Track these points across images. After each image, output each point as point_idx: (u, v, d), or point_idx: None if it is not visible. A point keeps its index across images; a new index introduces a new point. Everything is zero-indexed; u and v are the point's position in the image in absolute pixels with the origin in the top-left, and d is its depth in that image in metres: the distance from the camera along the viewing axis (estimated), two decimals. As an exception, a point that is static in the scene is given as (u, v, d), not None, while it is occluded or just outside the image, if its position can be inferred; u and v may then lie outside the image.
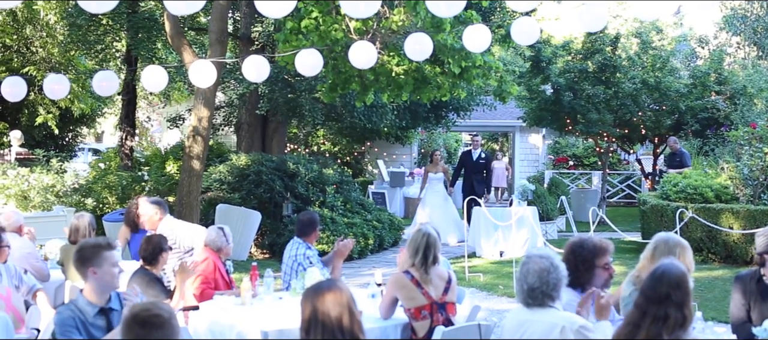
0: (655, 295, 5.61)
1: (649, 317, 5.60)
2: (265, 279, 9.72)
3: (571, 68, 27.12)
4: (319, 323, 5.47)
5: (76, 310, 6.86)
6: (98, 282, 6.97)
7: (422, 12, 14.45)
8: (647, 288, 5.72)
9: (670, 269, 5.73)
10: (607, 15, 10.79)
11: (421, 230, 8.48)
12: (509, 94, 18.50)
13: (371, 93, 17.20)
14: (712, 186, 19.19)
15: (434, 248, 8.37)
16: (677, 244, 7.39)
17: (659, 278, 5.68)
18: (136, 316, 5.27)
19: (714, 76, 28.70)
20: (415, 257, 8.33)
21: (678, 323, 5.56)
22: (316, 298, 5.54)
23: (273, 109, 23.15)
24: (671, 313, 5.55)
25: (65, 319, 6.77)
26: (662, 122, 27.84)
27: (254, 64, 12.70)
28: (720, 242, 18.31)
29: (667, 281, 5.64)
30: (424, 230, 8.46)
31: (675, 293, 5.59)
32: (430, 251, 8.32)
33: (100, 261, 6.94)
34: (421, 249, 8.33)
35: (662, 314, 5.55)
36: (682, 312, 5.58)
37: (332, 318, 5.48)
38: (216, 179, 20.27)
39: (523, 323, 6.33)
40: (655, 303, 5.59)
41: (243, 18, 23.65)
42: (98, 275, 6.95)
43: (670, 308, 5.55)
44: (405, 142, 35.13)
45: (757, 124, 20.98)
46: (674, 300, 5.57)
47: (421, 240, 8.38)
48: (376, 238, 20.91)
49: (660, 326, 5.54)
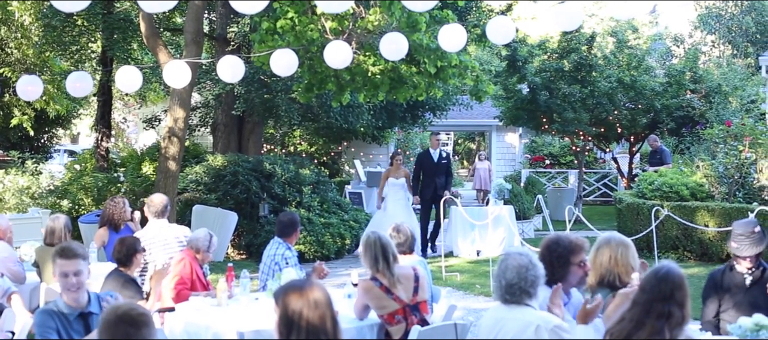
0: (660, 293, 5.65)
1: (653, 315, 5.64)
2: (241, 280, 9.70)
3: (547, 67, 27.20)
4: (294, 322, 5.43)
5: (57, 311, 6.84)
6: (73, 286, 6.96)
7: (397, 12, 14.46)
8: (651, 287, 5.74)
9: (673, 271, 5.78)
10: (582, 14, 10.79)
11: (370, 238, 8.41)
12: (485, 94, 18.50)
13: (347, 93, 17.19)
14: (688, 184, 19.27)
15: (390, 247, 8.33)
16: (620, 243, 7.40)
17: (664, 278, 5.72)
18: (125, 315, 5.25)
19: (689, 74, 28.85)
20: (376, 265, 8.29)
21: (678, 321, 5.61)
22: (292, 296, 5.49)
23: (249, 109, 23.11)
24: (675, 311, 5.59)
25: (45, 320, 6.76)
26: (638, 121, 27.96)
27: (229, 65, 12.68)
28: (695, 239, 18.41)
29: (672, 281, 5.68)
30: (373, 237, 8.39)
31: (678, 292, 5.64)
32: (387, 252, 8.26)
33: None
34: (380, 255, 8.27)
35: (666, 312, 5.59)
36: (682, 311, 5.63)
37: (309, 318, 5.44)
38: (192, 180, 20.21)
39: (499, 320, 6.35)
40: (660, 301, 5.63)
41: (219, 18, 23.60)
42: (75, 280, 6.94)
43: (674, 306, 5.60)
44: (381, 142, 35.14)
45: (732, 123, 21.09)
46: (677, 299, 5.62)
47: (376, 246, 8.30)
48: (353, 238, 20.88)
49: (663, 324, 5.58)
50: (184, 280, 9.90)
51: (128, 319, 5.25)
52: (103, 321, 5.33)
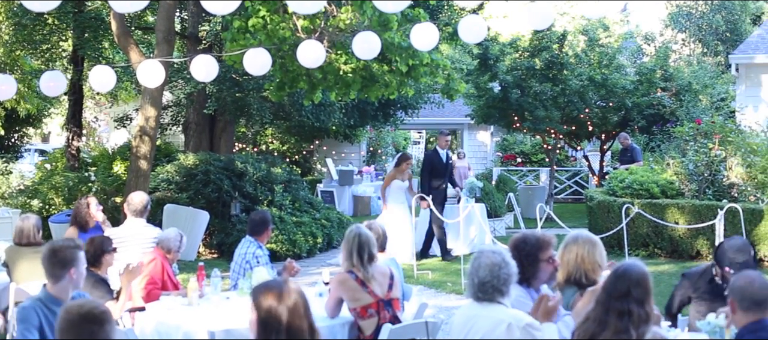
0: (617, 291, 5.71)
1: (613, 313, 5.68)
2: (213, 279, 9.68)
3: (519, 66, 27.27)
4: (272, 323, 5.42)
5: (42, 307, 6.86)
6: (73, 283, 7.02)
7: (369, 11, 14.46)
8: (609, 285, 5.82)
9: (632, 268, 5.84)
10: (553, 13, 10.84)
11: (353, 231, 8.48)
12: (457, 92, 18.52)
13: (319, 92, 17.17)
14: (658, 182, 19.36)
15: (368, 245, 8.35)
16: (587, 241, 7.45)
17: (621, 275, 5.79)
18: (88, 313, 5.27)
19: (660, 72, 29.01)
20: (351, 259, 8.33)
21: (642, 319, 5.65)
22: (271, 297, 5.47)
23: (221, 108, 23.06)
24: (634, 309, 5.64)
25: (29, 316, 6.77)
26: (609, 119, 28.07)
27: (203, 64, 12.64)
28: (666, 237, 18.51)
29: (628, 278, 5.74)
30: (356, 231, 8.45)
31: (635, 289, 5.69)
32: (363, 250, 8.31)
33: (77, 262, 7.02)
34: (355, 250, 8.32)
35: (626, 310, 5.63)
36: (644, 309, 5.66)
37: (287, 318, 5.43)
38: (163, 179, 20.14)
39: (471, 318, 6.37)
40: (617, 299, 5.68)
41: (190, 17, 23.53)
42: (75, 277, 6.99)
43: (632, 304, 5.65)
44: (353, 140, 35.16)
45: (702, 121, 21.20)
46: (635, 296, 5.67)
47: (354, 241, 8.36)
48: (324, 236, 20.90)
49: (626, 322, 5.62)
50: (155, 280, 9.89)
51: (90, 317, 5.27)
52: (64, 320, 5.33)
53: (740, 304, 6.02)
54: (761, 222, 17.30)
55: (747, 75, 24.88)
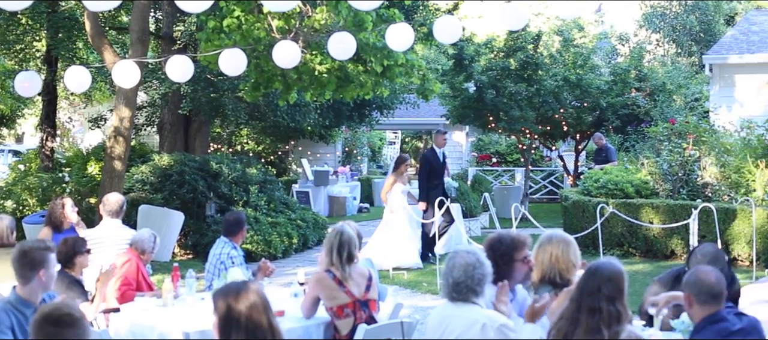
0: (588, 288, 5.74)
1: (584, 311, 5.70)
2: (187, 280, 9.66)
3: (494, 66, 27.28)
4: (233, 324, 5.48)
5: (13, 309, 6.82)
6: (42, 284, 6.98)
7: (344, 11, 14.46)
8: (581, 283, 5.85)
9: (604, 265, 5.87)
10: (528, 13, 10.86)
11: (336, 229, 8.51)
12: (432, 93, 18.54)
13: (294, 92, 17.16)
14: (633, 181, 19.43)
15: (348, 245, 8.36)
16: (561, 240, 7.48)
17: (592, 273, 5.82)
18: (49, 315, 5.26)
19: (634, 73, 29.14)
20: (330, 256, 8.35)
21: (613, 317, 5.67)
22: (230, 298, 5.54)
23: (196, 108, 23.00)
24: (603, 306, 5.65)
25: (1, 318, 6.72)
26: (583, 119, 28.13)
27: (179, 64, 12.58)
28: (640, 236, 18.58)
29: (599, 275, 5.76)
30: (338, 229, 8.48)
31: (606, 285, 5.71)
32: (343, 249, 8.32)
33: (48, 264, 6.98)
34: (335, 248, 8.34)
35: (597, 307, 5.65)
36: (615, 306, 5.68)
37: (247, 318, 5.49)
38: (138, 180, 20.07)
39: (446, 318, 6.38)
40: (588, 295, 5.70)
41: (165, 17, 23.47)
42: (45, 279, 6.95)
43: (602, 301, 5.67)
44: (329, 141, 35.13)
45: (676, 121, 21.29)
46: (605, 293, 5.69)
47: (335, 239, 8.39)
48: (300, 237, 20.89)
49: (597, 320, 5.64)
50: (129, 280, 9.86)
51: (52, 319, 5.25)
52: (36, 322, 5.33)
53: (697, 298, 6.17)
54: (734, 221, 17.38)
55: (720, 75, 25.00)
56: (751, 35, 26.89)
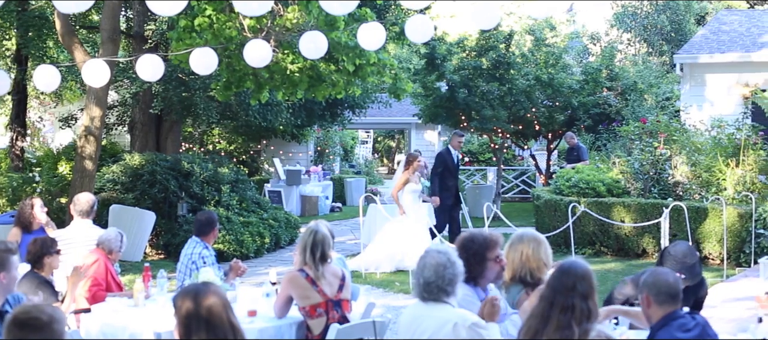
0: (562, 286, 5.75)
1: (557, 308, 5.71)
2: (159, 280, 9.62)
3: (466, 65, 27.31)
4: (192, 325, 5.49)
5: None
6: (4, 287, 6.92)
7: (315, 10, 14.44)
8: (554, 280, 5.86)
9: (577, 263, 5.89)
10: (500, 13, 10.85)
11: (310, 228, 8.49)
12: (404, 92, 18.54)
13: (266, 91, 17.12)
14: (604, 180, 19.49)
15: (322, 245, 8.34)
16: (532, 239, 7.51)
17: (566, 271, 5.83)
18: (15, 318, 5.23)
19: (606, 72, 29.21)
20: (303, 255, 8.33)
21: (584, 314, 5.68)
22: (193, 298, 5.55)
23: (167, 108, 22.91)
24: (577, 303, 5.67)
25: None
26: (555, 118, 28.19)
27: (149, 63, 12.51)
28: (612, 235, 18.65)
29: (574, 273, 5.78)
30: (313, 228, 8.46)
31: (580, 283, 5.73)
32: (316, 248, 8.29)
33: (9, 266, 6.93)
34: (309, 247, 8.32)
35: (570, 304, 5.67)
36: (587, 303, 5.70)
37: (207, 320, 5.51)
38: (109, 180, 19.98)
39: (418, 317, 6.38)
40: (562, 293, 5.72)
41: (135, 16, 23.36)
42: (6, 281, 6.90)
43: (576, 298, 5.68)
44: (301, 140, 35.06)
45: (647, 120, 21.36)
46: (579, 290, 5.71)
47: (309, 238, 8.37)
48: (272, 236, 20.85)
49: (569, 317, 5.66)
50: (99, 281, 9.80)
51: (18, 322, 5.23)
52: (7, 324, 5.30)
53: (656, 298, 6.25)
54: (706, 220, 17.47)
55: (691, 74, 25.11)
56: (721, 35, 27.02)
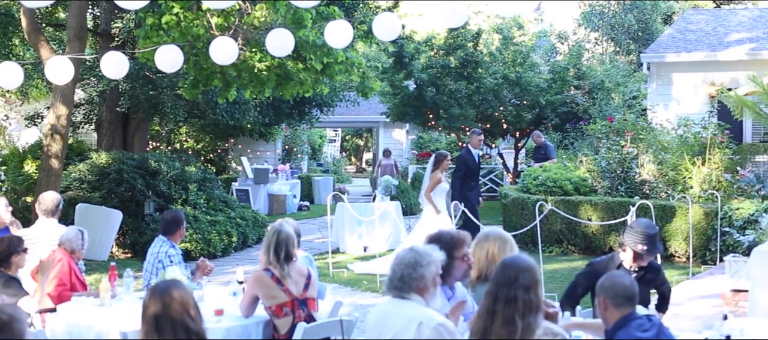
0: (504, 279, 5.78)
1: (500, 302, 5.73)
2: (125, 279, 9.55)
3: (434, 64, 27.39)
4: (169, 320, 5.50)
5: None
6: None
7: (282, 8, 14.42)
8: (497, 274, 5.89)
9: (519, 256, 5.95)
10: (467, 11, 10.88)
11: (274, 227, 8.46)
12: (372, 90, 18.57)
13: (234, 89, 17.08)
14: (571, 179, 19.57)
15: (286, 244, 8.30)
16: (498, 238, 7.54)
17: (508, 264, 5.87)
18: None
19: (573, 71, 29.35)
20: (268, 255, 8.31)
21: (527, 306, 5.70)
22: (166, 295, 5.56)
23: (134, 106, 22.81)
24: (520, 295, 5.69)
25: None
26: (523, 117, 28.31)
27: (113, 61, 12.45)
28: (579, 233, 18.73)
29: (516, 266, 5.81)
30: (276, 227, 8.43)
31: (523, 275, 5.76)
32: (280, 247, 8.26)
33: None
34: (272, 246, 8.29)
35: (512, 297, 5.69)
36: (529, 295, 5.72)
37: (182, 314, 5.52)
38: (76, 178, 19.87)
39: (386, 315, 6.38)
40: (505, 286, 5.75)
41: (103, 13, 23.24)
42: None
43: (519, 290, 5.71)
44: (269, 138, 35.02)
45: (614, 118, 21.46)
46: (522, 282, 5.73)
47: (272, 238, 8.34)
48: (239, 235, 20.80)
49: (512, 310, 5.67)
50: (63, 281, 9.73)
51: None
52: None
53: (613, 301, 6.29)
54: (672, 218, 17.56)
55: (658, 73, 25.22)
56: (688, 34, 27.15)
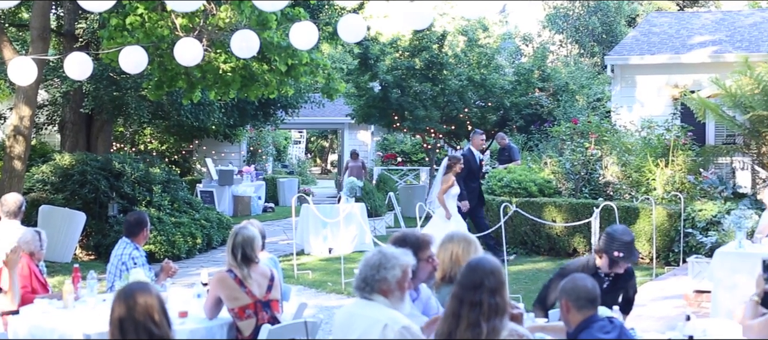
0: (470, 283, 5.78)
1: (466, 305, 5.73)
2: (88, 281, 9.49)
3: (399, 65, 27.40)
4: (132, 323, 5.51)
5: None
6: None
7: (247, 10, 14.39)
8: (462, 278, 5.89)
9: (484, 259, 5.93)
10: (433, 13, 10.89)
11: (235, 229, 8.45)
12: (337, 92, 18.56)
13: (198, 91, 17.04)
14: (536, 180, 19.63)
15: (243, 246, 8.27)
16: (462, 239, 7.56)
17: (474, 268, 5.86)
18: None
19: (537, 73, 29.45)
20: (229, 256, 8.30)
21: (493, 309, 5.70)
22: (128, 299, 5.57)
23: (98, 107, 22.70)
24: (485, 299, 5.69)
25: None
26: (488, 118, 28.36)
27: (77, 62, 12.38)
28: (543, 234, 18.80)
29: (481, 269, 5.81)
30: (236, 229, 8.42)
31: (489, 278, 5.76)
32: (237, 249, 8.23)
33: None
34: (231, 248, 8.29)
35: (478, 300, 5.70)
36: (495, 299, 5.72)
37: (145, 318, 5.53)
38: (39, 180, 19.76)
39: (351, 316, 6.39)
40: (470, 290, 5.75)
41: (66, 14, 23.11)
42: None
43: (484, 294, 5.70)
44: (233, 140, 34.92)
45: (579, 120, 21.55)
46: (488, 286, 5.73)
47: (231, 240, 8.33)
48: (204, 237, 20.74)
49: (477, 313, 5.68)
50: (25, 284, 9.68)
51: None
52: None
53: (576, 303, 6.31)
54: (636, 220, 17.66)
55: (622, 76, 25.31)
56: (651, 36, 27.27)
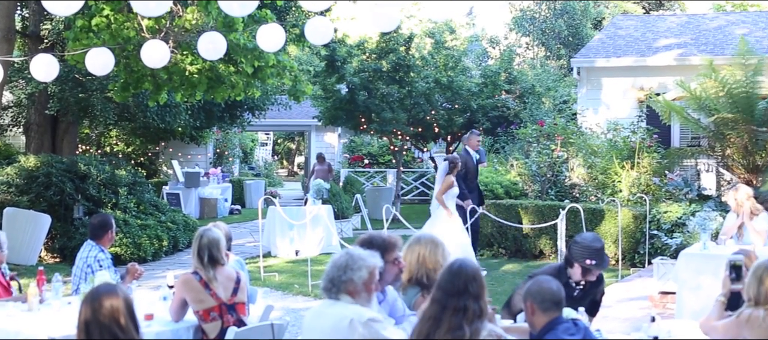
0: (454, 288, 5.77)
1: (449, 310, 5.74)
2: (54, 284, 9.46)
3: (366, 68, 27.41)
4: (97, 325, 5.51)
5: None
6: None
7: (214, 11, 14.35)
8: (445, 282, 5.87)
9: (466, 263, 5.93)
10: (399, 15, 10.90)
11: (199, 231, 8.40)
12: (303, 94, 18.53)
13: (164, 92, 16.96)
14: (502, 182, 19.70)
15: (209, 248, 8.23)
16: (429, 241, 7.58)
17: (457, 273, 5.85)
18: None
19: (504, 75, 29.52)
20: (194, 259, 8.27)
21: (476, 314, 5.72)
22: (94, 302, 5.57)
23: (63, 109, 22.60)
24: (470, 304, 5.71)
25: None
26: (455, 121, 28.40)
27: (43, 63, 12.32)
28: (510, 236, 18.83)
29: (465, 274, 5.81)
30: (201, 231, 8.37)
31: (472, 284, 5.77)
32: (203, 251, 8.19)
33: None
34: (195, 250, 8.25)
35: (462, 306, 5.70)
36: (478, 304, 5.74)
37: (111, 321, 5.53)
38: (3, 182, 19.63)
39: (319, 315, 6.41)
40: (454, 296, 5.75)
41: (31, 15, 23.01)
42: None
43: (469, 300, 5.72)
44: (200, 142, 34.77)
45: (545, 122, 21.63)
46: (471, 292, 5.74)
47: (196, 242, 8.29)
48: (170, 239, 20.67)
49: (460, 318, 5.69)
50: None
51: None
52: None
53: (541, 306, 6.27)
54: (602, 222, 17.73)
55: (588, 78, 25.42)
56: (617, 39, 27.39)
